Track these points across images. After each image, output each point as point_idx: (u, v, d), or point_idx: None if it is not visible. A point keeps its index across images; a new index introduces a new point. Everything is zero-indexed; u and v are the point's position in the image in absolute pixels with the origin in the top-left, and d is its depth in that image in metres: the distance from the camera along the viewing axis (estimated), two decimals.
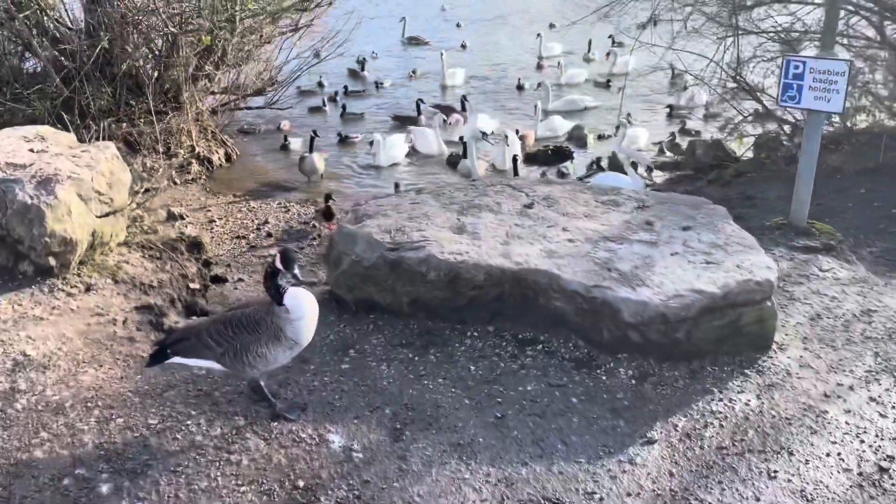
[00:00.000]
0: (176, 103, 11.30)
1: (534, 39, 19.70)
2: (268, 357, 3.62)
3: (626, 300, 3.88)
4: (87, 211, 5.46)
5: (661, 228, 4.50)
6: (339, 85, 16.57)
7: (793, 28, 10.28)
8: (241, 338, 3.62)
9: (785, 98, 5.35)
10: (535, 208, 4.80)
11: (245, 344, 3.62)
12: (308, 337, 3.69)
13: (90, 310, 5.19)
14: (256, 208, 10.16)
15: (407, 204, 5.08)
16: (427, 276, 4.39)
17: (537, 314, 4.29)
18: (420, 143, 12.61)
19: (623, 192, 4.99)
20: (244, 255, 8.60)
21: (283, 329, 3.59)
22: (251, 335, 3.61)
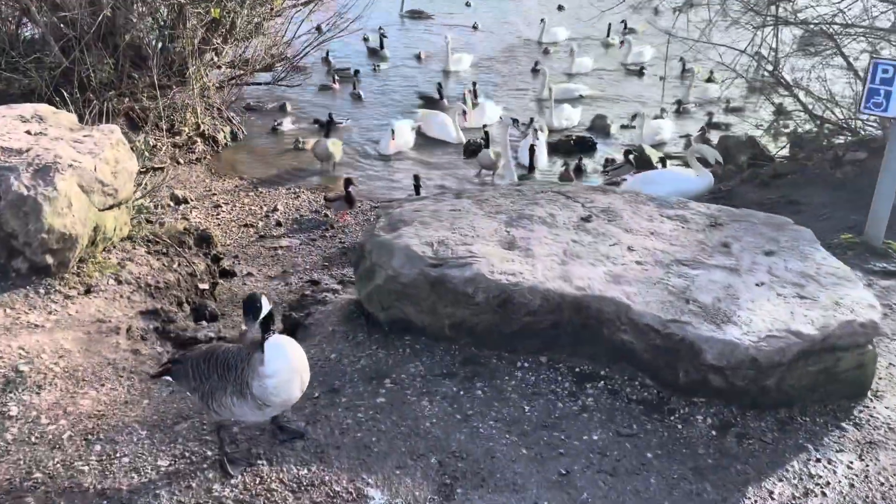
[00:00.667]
0: (181, 77, 10.70)
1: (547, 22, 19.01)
2: (233, 410, 3.09)
3: (711, 340, 3.39)
4: (88, 204, 4.92)
5: (741, 252, 3.99)
6: (355, 63, 15.88)
7: (834, 21, 9.68)
8: (211, 380, 3.10)
9: (869, 105, 4.83)
10: (594, 222, 4.28)
11: (212, 388, 3.11)
12: (282, 400, 3.08)
13: (91, 316, 4.67)
14: (264, 193, 9.61)
15: (446, 210, 4.55)
16: (474, 297, 3.88)
17: (598, 346, 3.80)
18: (436, 129, 12.00)
19: (691, 206, 4.47)
20: (253, 246, 8.07)
21: (250, 384, 2.98)
22: (220, 381, 3.09)
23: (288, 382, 3.03)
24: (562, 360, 3.89)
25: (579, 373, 3.82)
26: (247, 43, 11.88)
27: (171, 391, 3.95)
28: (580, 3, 23.02)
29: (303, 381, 3.12)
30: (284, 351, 3.00)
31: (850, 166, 8.54)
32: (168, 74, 10.57)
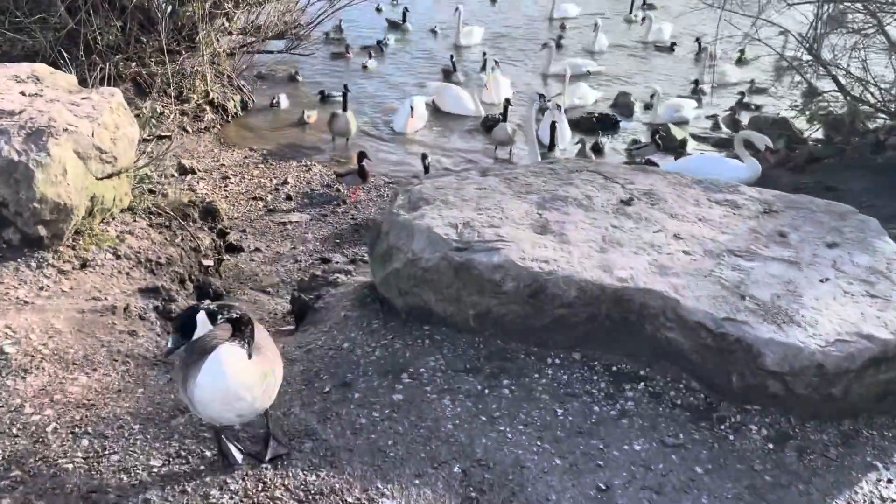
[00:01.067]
0: (190, 43, 10.28)
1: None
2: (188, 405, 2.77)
3: (771, 342, 3.01)
4: (85, 171, 4.56)
5: (800, 243, 3.60)
6: (370, 38, 15.33)
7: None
8: (182, 368, 2.75)
9: None
10: (636, 206, 3.89)
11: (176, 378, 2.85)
12: (209, 416, 2.71)
13: (86, 293, 4.33)
14: (274, 165, 9.24)
15: (471, 189, 4.17)
16: (502, 286, 3.51)
17: (638, 343, 3.43)
18: (450, 103, 11.54)
19: (742, 191, 4.07)
20: (261, 220, 7.72)
21: (187, 382, 2.63)
22: (180, 371, 2.77)
23: (212, 402, 2.61)
24: (597, 357, 3.52)
25: (616, 372, 3.46)
26: (259, 9, 11.44)
27: (169, 379, 3.62)
28: None
29: (239, 407, 2.64)
30: (222, 369, 2.56)
31: (893, 151, 8.10)
32: (177, 39, 10.16)
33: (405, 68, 13.91)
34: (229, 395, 2.59)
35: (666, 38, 15.82)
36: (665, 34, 15.91)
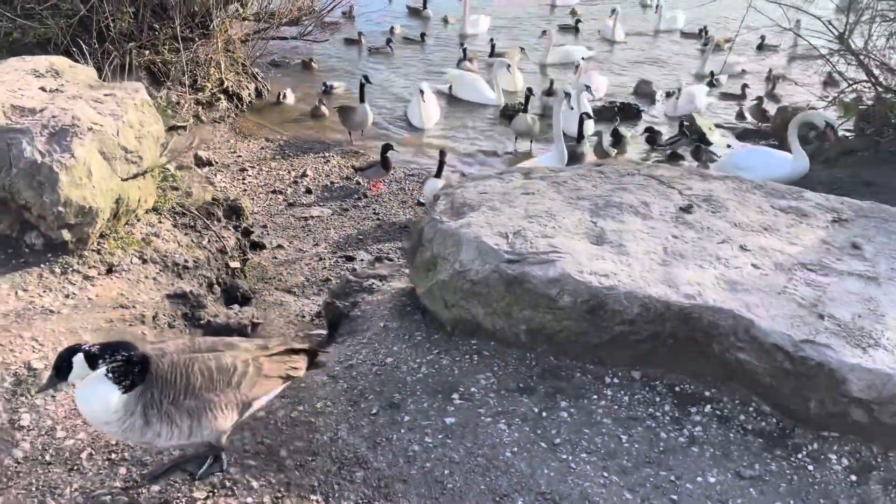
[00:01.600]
0: (204, 30, 10.05)
1: None
2: None
3: (857, 368, 2.82)
4: (110, 173, 4.36)
5: (875, 256, 3.39)
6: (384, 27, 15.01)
7: None
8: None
9: None
10: (696, 213, 3.68)
11: None
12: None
13: (112, 300, 4.15)
14: (292, 157, 9.03)
15: (518, 193, 3.96)
16: (558, 301, 3.31)
17: (704, 363, 3.24)
18: (466, 91, 11.29)
19: (807, 197, 3.85)
20: (282, 215, 7.53)
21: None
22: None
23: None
24: (658, 377, 3.33)
25: (680, 393, 3.27)
26: None
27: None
28: None
29: (112, 432, 2.60)
30: (81, 399, 2.52)
31: None
32: (191, 26, 9.93)
33: (419, 58, 13.63)
34: (93, 421, 2.61)
35: (680, 26, 15.50)
36: (679, 23, 15.58)
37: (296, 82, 11.57)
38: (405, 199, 8.12)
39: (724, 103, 11.76)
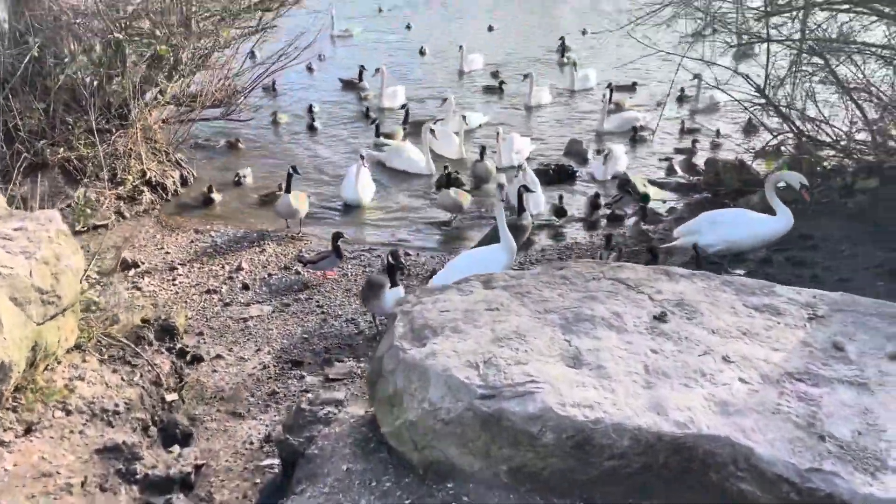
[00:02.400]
0: (122, 120, 9.59)
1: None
2: None
3: (870, 499, 2.62)
4: (24, 319, 3.89)
5: (860, 357, 3.25)
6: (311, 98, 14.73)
7: (826, 38, 9.18)
8: None
9: None
10: (671, 322, 3.48)
11: None
12: None
13: (34, 468, 3.65)
14: (225, 249, 8.59)
15: (482, 309, 3.69)
16: (540, 438, 3.03)
17: (704, 494, 2.99)
18: (399, 161, 11.14)
19: (778, 292, 3.72)
20: (219, 317, 7.06)
21: None
22: None
23: None
24: None
25: None
26: (193, 77, 10.83)
27: None
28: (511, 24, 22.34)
29: None
30: None
31: (862, 195, 8.01)
32: (107, 117, 9.47)
33: (345, 134, 13.29)
34: None
35: (592, 85, 15.47)
36: (591, 81, 15.55)
37: (224, 165, 11.17)
38: (349, 286, 7.78)
39: (653, 159, 11.92)
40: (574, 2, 26.65)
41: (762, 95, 9.47)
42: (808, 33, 9.09)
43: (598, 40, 11.07)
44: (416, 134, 11.77)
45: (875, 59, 8.81)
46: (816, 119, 9.20)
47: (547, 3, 26.39)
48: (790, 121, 9.43)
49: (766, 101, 9.52)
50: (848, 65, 8.99)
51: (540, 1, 27.03)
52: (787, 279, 6.92)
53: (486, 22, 22.20)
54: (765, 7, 8.82)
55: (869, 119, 8.80)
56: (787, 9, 9.35)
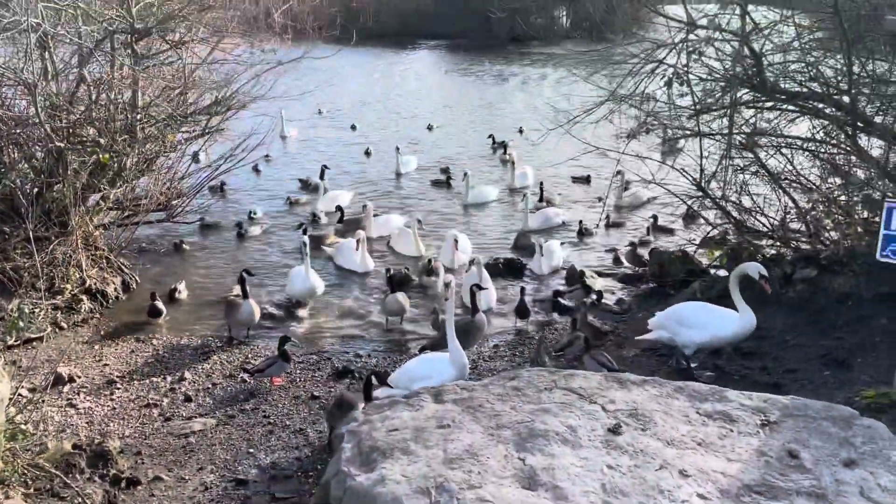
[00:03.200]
0: (62, 228, 9.36)
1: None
2: None
3: None
4: None
5: (815, 465, 3.21)
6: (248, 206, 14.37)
7: (758, 131, 9.63)
8: None
9: (887, 252, 4.33)
10: (625, 434, 3.42)
11: None
12: None
13: None
14: (167, 357, 8.29)
15: (433, 427, 3.57)
16: None
17: None
18: (342, 258, 11.08)
19: (729, 398, 3.70)
20: (158, 434, 6.71)
21: None
22: None
23: None
24: None
25: None
26: (137, 181, 10.73)
27: None
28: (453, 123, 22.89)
29: None
30: None
31: (802, 284, 8.23)
32: (46, 225, 9.22)
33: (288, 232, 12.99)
34: None
35: (530, 183, 15.39)
36: (529, 179, 15.56)
37: (168, 268, 10.93)
38: (297, 392, 7.53)
39: (598, 252, 12.11)
40: (515, 101, 27.63)
41: (698, 188, 9.79)
42: (737, 128, 9.50)
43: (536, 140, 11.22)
44: (351, 232, 11.73)
45: (802, 152, 9.24)
46: (752, 209, 9.51)
47: (488, 103, 27.27)
48: (727, 212, 9.74)
49: (702, 193, 9.84)
50: (778, 157, 9.39)
51: (480, 101, 27.93)
52: (737, 370, 7.02)
53: (426, 121, 22.75)
54: (694, 105, 9.21)
55: (801, 209, 9.13)
56: (716, 107, 9.80)
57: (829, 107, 8.20)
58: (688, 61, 8.63)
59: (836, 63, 8.48)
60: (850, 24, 7.61)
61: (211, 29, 10.66)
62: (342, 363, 8.08)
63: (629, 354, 7.91)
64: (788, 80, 8.65)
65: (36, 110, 8.17)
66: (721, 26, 8.62)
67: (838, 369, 6.54)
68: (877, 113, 8.18)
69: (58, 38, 8.62)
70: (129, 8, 8.59)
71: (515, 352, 8.41)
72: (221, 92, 10.77)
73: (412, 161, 17.32)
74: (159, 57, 10.13)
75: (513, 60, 39.88)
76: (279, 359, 7.43)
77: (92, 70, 9.35)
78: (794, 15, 8.95)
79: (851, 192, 8.12)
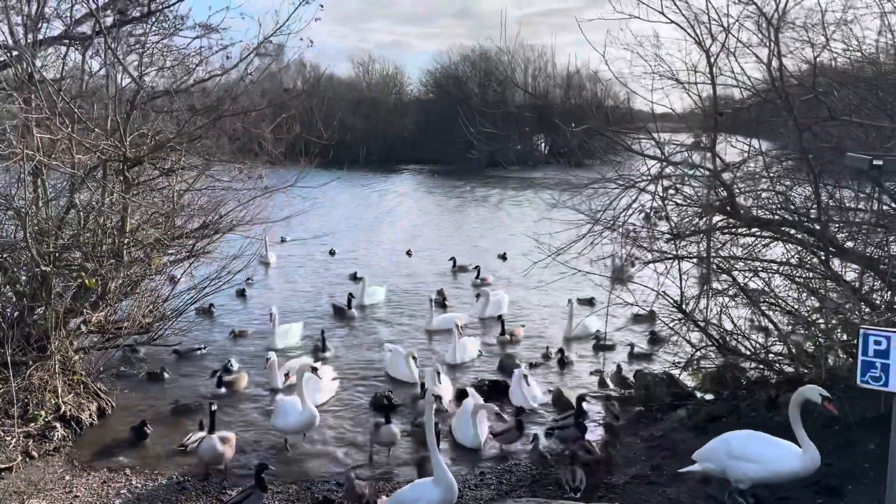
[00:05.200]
0: (40, 352, 9.22)
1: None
2: None
3: None
4: None
5: None
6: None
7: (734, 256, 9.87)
8: None
9: (866, 378, 4.37)
10: None
11: None
12: None
13: None
14: (140, 488, 8.02)
15: None
16: None
17: None
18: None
19: None
20: None
21: None
22: None
23: None
24: None
25: None
26: (119, 303, 10.68)
27: None
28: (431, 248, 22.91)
29: None
30: None
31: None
32: (24, 349, 9.08)
33: None
34: None
35: (504, 311, 15.02)
36: (504, 306, 15.34)
37: (145, 395, 10.70)
38: None
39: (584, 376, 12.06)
40: (497, 227, 28.14)
41: (679, 311, 9.90)
42: (714, 252, 9.73)
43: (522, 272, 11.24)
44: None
45: (779, 276, 9.45)
46: (734, 332, 9.60)
47: (468, 230, 27.73)
48: (709, 335, 9.81)
49: (684, 315, 9.95)
50: (756, 280, 9.58)
51: (459, 227, 28.40)
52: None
53: (406, 246, 22.93)
54: (672, 231, 9.48)
55: (782, 332, 9.24)
56: (693, 232, 10.08)
57: (800, 233, 8.48)
58: (664, 195, 8.95)
59: (805, 191, 8.85)
60: (814, 156, 8.00)
61: (201, 156, 10.95)
62: (322, 493, 7.82)
63: (619, 482, 7.74)
64: (761, 209, 8.97)
65: (25, 235, 8.25)
66: (693, 163, 9.03)
67: (830, 497, 6.42)
68: (848, 238, 8.45)
69: (51, 167, 8.82)
70: (123, 138, 8.87)
71: (502, 479, 8.20)
72: (209, 216, 10.94)
73: (380, 292, 16.77)
74: (149, 183, 10.36)
75: (493, 184, 41.19)
76: (256, 488, 7.19)
77: (82, 196, 9.52)
78: (761, 150, 9.41)
79: (828, 315, 8.24)
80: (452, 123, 30.90)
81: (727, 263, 9.65)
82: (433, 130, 51.58)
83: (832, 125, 7.94)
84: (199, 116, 9.65)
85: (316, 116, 12.64)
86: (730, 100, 9.88)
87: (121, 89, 9.41)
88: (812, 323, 8.97)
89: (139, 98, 9.56)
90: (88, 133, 8.97)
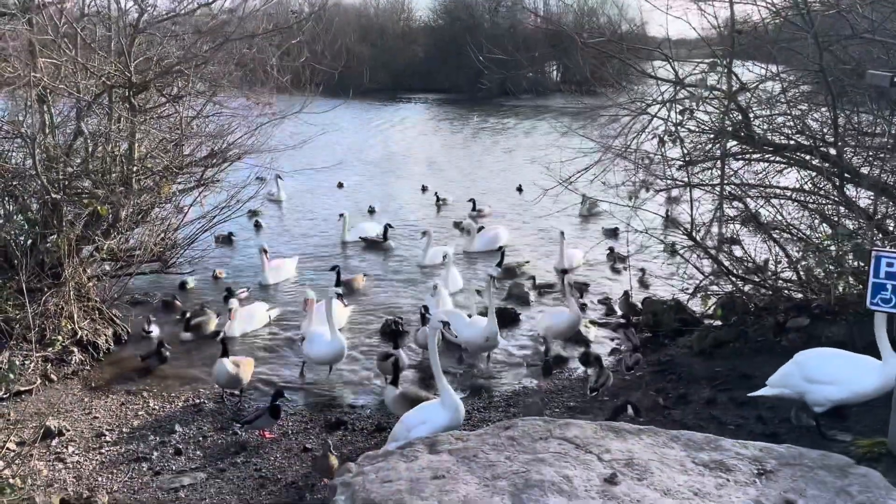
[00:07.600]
0: (55, 279, 9.32)
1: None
2: None
3: None
4: None
5: None
6: None
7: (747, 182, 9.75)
8: None
9: (876, 301, 4.35)
10: (622, 484, 3.38)
11: None
12: None
13: None
14: (157, 409, 8.19)
15: (427, 478, 3.53)
16: None
17: None
18: None
19: (725, 447, 3.68)
20: (147, 488, 6.60)
21: None
22: None
23: None
24: None
25: None
26: (131, 232, 10.73)
27: None
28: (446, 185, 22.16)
29: None
30: None
31: (795, 333, 8.24)
32: (39, 276, 9.19)
33: None
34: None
35: (504, 244, 14.45)
36: (502, 239, 14.84)
37: (161, 321, 10.83)
38: (290, 445, 7.43)
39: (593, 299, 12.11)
40: (510, 157, 27.52)
41: (690, 238, 9.85)
42: (726, 179, 9.61)
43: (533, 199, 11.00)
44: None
45: (791, 203, 9.35)
46: (744, 259, 9.57)
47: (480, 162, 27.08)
48: (719, 262, 9.78)
49: (694, 243, 9.90)
50: (768, 208, 9.49)
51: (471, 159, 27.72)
52: (733, 420, 6.97)
53: (420, 182, 22.14)
54: (684, 158, 9.35)
55: (792, 258, 9.20)
56: (706, 158, 9.93)
57: (815, 158, 8.34)
58: (677, 121, 8.78)
59: (822, 116, 8.66)
60: (833, 79, 7.79)
61: (208, 82, 10.80)
62: (335, 416, 7.99)
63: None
64: (776, 134, 8.80)
65: (34, 163, 8.23)
66: (708, 85, 8.80)
67: (834, 419, 6.50)
68: (863, 164, 8.32)
69: (57, 91, 8.73)
70: (128, 63, 8.73)
71: (510, 402, 8.34)
72: (217, 144, 10.87)
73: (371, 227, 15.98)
74: (156, 110, 10.25)
75: (505, 114, 40.54)
76: (266, 412, 7.34)
77: (89, 123, 9.45)
78: (779, 72, 9.16)
79: (841, 241, 8.18)
80: (462, 51, 30.18)
81: (739, 191, 9.56)
82: (442, 58, 50.53)
83: (853, 45, 7.70)
84: (205, 40, 9.46)
85: (323, 41, 12.39)
86: (749, 20, 9.57)
87: (124, 11, 9.21)
88: (823, 249, 8.93)
89: (143, 21, 9.36)
90: (93, 57, 8.84)
